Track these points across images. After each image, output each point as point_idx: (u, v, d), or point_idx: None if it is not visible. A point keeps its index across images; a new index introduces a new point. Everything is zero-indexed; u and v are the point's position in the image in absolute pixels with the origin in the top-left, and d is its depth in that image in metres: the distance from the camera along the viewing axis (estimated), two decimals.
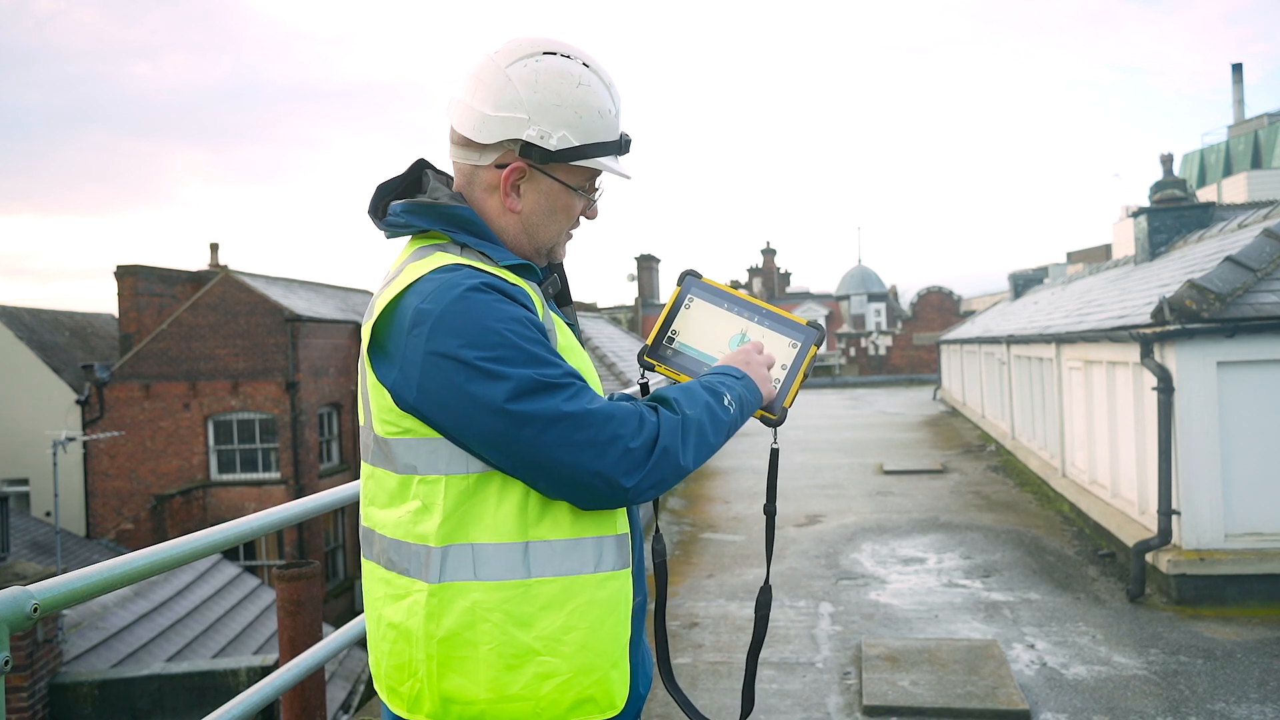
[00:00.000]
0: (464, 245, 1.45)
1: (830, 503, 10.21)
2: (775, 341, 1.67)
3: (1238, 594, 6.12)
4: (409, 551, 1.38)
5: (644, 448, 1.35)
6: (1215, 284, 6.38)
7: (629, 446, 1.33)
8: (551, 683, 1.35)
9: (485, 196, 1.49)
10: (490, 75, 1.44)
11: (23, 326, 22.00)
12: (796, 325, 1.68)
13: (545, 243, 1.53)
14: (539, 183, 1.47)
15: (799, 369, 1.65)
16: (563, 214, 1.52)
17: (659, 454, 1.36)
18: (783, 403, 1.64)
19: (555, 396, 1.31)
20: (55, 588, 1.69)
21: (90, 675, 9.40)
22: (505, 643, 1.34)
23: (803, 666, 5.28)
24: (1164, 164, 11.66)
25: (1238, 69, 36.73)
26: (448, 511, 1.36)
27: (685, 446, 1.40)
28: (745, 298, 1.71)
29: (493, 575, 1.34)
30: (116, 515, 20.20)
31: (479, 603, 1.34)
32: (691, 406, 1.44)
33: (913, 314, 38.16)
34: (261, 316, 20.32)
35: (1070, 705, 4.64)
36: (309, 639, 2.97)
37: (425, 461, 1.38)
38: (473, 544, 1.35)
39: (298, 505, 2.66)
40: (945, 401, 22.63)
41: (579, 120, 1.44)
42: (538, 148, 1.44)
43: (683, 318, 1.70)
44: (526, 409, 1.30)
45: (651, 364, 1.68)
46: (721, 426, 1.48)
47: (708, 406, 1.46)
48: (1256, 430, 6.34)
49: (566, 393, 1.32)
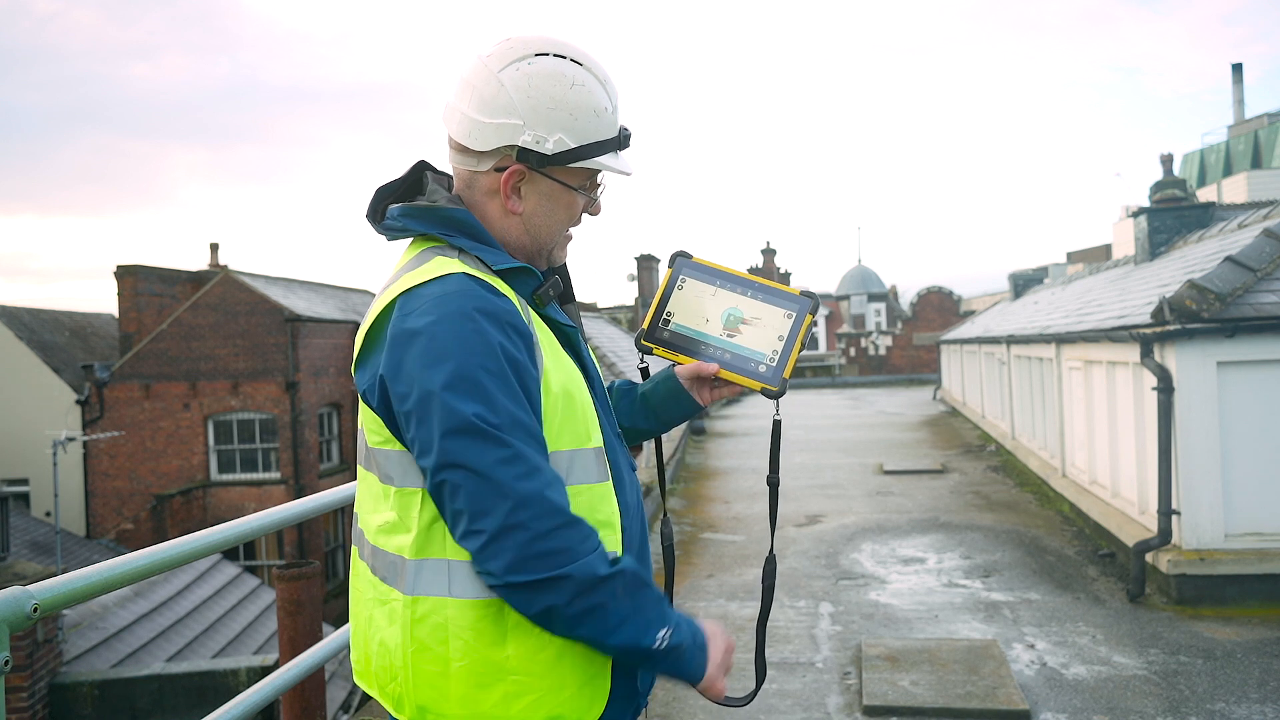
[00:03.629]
0: (462, 249, 1.44)
1: (830, 503, 10.21)
2: (769, 313, 1.66)
3: (1238, 594, 6.12)
4: (387, 560, 1.40)
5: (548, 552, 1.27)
6: (1215, 284, 6.38)
7: (535, 532, 1.27)
8: (522, 701, 1.36)
9: (486, 200, 1.49)
10: (482, 81, 1.43)
11: (23, 326, 22.00)
12: (789, 295, 1.68)
13: (547, 242, 1.53)
14: (539, 184, 1.47)
15: (796, 339, 1.64)
16: (564, 213, 1.51)
17: (555, 567, 1.27)
18: (782, 374, 1.64)
19: (485, 447, 1.28)
20: (55, 588, 1.69)
21: (90, 675, 9.40)
22: (477, 660, 1.35)
23: (803, 666, 5.28)
24: (1164, 164, 11.66)
25: (1238, 69, 36.71)
26: (422, 525, 1.36)
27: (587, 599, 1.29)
28: (736, 273, 1.71)
29: (466, 593, 1.35)
30: (116, 515, 20.20)
31: (452, 619, 1.35)
32: (631, 593, 1.33)
33: (913, 314, 38.15)
34: (261, 316, 20.32)
35: (1070, 705, 4.64)
36: (309, 639, 2.97)
37: (400, 473, 1.39)
38: (448, 560, 1.36)
39: (298, 505, 2.66)
40: (945, 401, 22.62)
41: (574, 122, 1.43)
42: (534, 152, 1.43)
43: (676, 299, 1.70)
44: (454, 448, 1.28)
45: (649, 347, 1.69)
46: (626, 628, 1.33)
47: (639, 609, 1.34)
48: (1256, 430, 6.34)
49: (502, 452, 1.28)
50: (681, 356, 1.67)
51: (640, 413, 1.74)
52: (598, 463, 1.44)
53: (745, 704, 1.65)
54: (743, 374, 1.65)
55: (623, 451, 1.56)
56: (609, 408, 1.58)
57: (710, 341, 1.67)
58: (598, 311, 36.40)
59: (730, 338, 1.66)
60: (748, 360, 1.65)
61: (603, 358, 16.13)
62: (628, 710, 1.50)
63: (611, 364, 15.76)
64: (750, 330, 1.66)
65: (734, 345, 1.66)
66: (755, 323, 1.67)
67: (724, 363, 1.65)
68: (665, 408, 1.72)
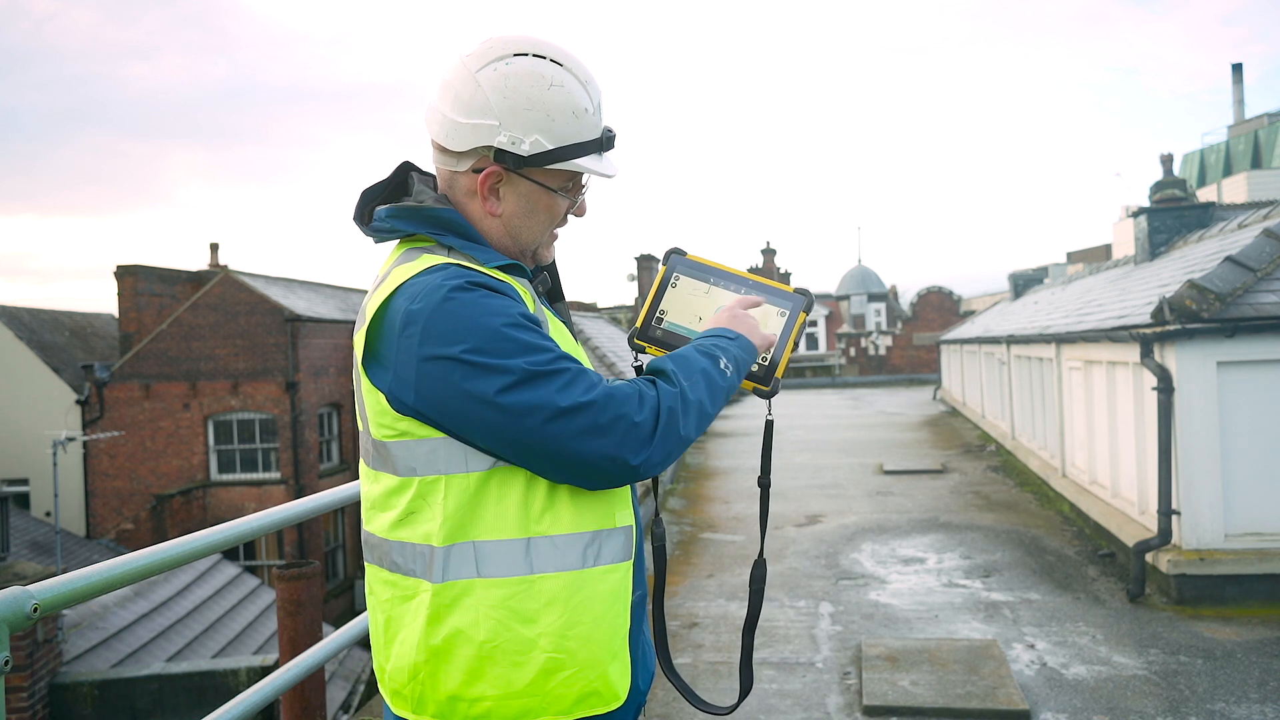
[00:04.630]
0: (451, 248, 1.44)
1: (830, 503, 10.21)
2: (763, 311, 1.66)
3: (1238, 594, 6.12)
4: (413, 552, 1.39)
5: (647, 424, 1.34)
6: (1215, 284, 6.38)
7: (633, 422, 1.33)
8: (557, 677, 1.36)
9: (466, 201, 1.49)
10: (460, 81, 1.43)
11: (23, 326, 22.00)
12: (783, 293, 1.67)
13: (529, 243, 1.52)
14: (517, 185, 1.47)
15: (789, 337, 1.64)
16: (544, 214, 1.50)
17: (662, 428, 1.35)
18: (774, 373, 1.63)
19: (550, 384, 1.31)
20: (55, 588, 1.69)
21: (90, 675, 9.40)
22: (510, 639, 1.35)
23: (803, 666, 5.28)
24: (1164, 164, 11.66)
25: (1238, 69, 36.70)
26: (449, 511, 1.36)
27: (687, 417, 1.39)
28: (731, 270, 1.70)
29: (495, 572, 1.35)
30: (116, 515, 20.20)
31: (483, 599, 1.34)
32: (688, 376, 1.43)
33: (913, 314, 38.15)
34: (261, 316, 20.32)
35: (1070, 705, 4.64)
36: (309, 639, 2.97)
37: (424, 463, 1.38)
38: (474, 542, 1.35)
39: (298, 505, 2.66)
40: (945, 401, 22.63)
41: (551, 123, 1.42)
42: (511, 154, 1.42)
43: (670, 297, 1.69)
44: (524, 400, 1.29)
45: (642, 346, 1.68)
46: (719, 392, 1.47)
47: (704, 373, 1.45)
48: (1256, 430, 6.34)
49: (562, 379, 1.32)
50: None
51: None
52: None
53: (728, 713, 1.65)
54: None
55: None
56: None
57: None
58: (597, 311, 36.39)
59: None
60: None
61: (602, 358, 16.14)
62: (630, 707, 1.50)
63: (611, 364, 15.77)
64: None
65: None
66: None
67: None
68: None
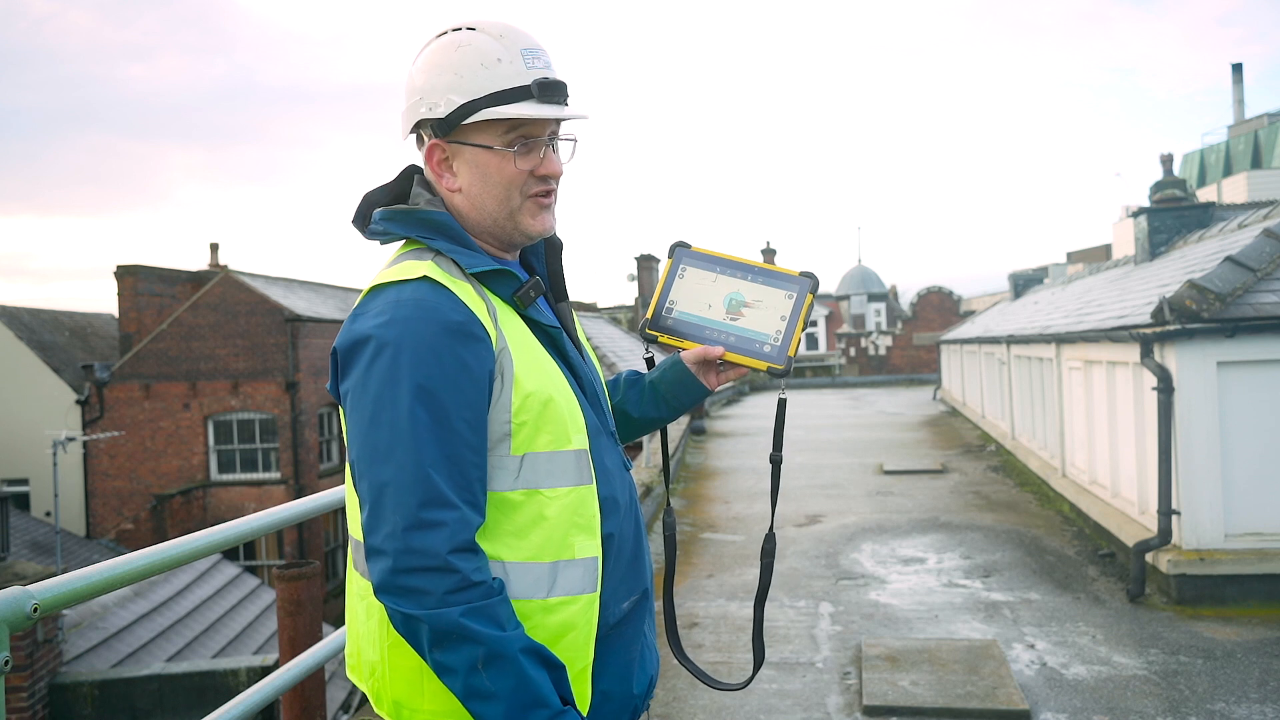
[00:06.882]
0: (439, 251, 1.44)
1: (830, 503, 10.21)
2: (771, 295, 1.70)
3: (1238, 594, 6.12)
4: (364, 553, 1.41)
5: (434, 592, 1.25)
6: (1215, 284, 6.38)
7: (434, 565, 1.26)
8: None
9: (441, 189, 1.52)
10: (408, 78, 1.51)
11: (22, 326, 22.00)
12: (789, 277, 1.71)
13: (498, 213, 1.49)
14: (464, 155, 1.47)
15: (798, 318, 1.68)
16: (497, 177, 1.47)
17: (429, 623, 1.26)
18: (786, 352, 1.67)
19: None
20: (55, 588, 1.69)
21: (90, 675, 9.39)
22: None
23: (803, 666, 5.27)
24: (1164, 164, 11.66)
25: (1238, 69, 36.69)
26: None
27: (446, 647, 1.27)
28: (736, 259, 1.74)
29: None
30: (116, 515, 20.20)
31: None
32: (503, 667, 1.27)
33: (913, 314, 38.14)
34: (261, 316, 20.33)
35: (1070, 705, 4.64)
36: (309, 639, 2.97)
37: None
38: None
39: (298, 505, 2.66)
40: (945, 401, 22.62)
41: (459, 80, 1.44)
42: (433, 120, 1.45)
43: (678, 287, 1.73)
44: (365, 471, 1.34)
45: (654, 335, 1.73)
46: (473, 675, 1.27)
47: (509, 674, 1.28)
48: (1256, 430, 6.34)
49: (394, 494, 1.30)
50: (686, 342, 1.71)
51: (650, 401, 1.75)
52: (577, 465, 1.43)
53: (741, 688, 1.65)
54: (748, 355, 1.68)
55: (613, 451, 1.55)
56: (602, 408, 1.56)
57: (714, 326, 1.70)
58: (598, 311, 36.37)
59: (734, 321, 1.70)
60: (752, 342, 1.68)
61: (603, 357, 16.14)
62: (624, 714, 1.49)
63: (612, 364, 15.78)
64: (753, 313, 1.70)
65: (738, 328, 1.69)
66: (757, 305, 1.70)
67: (729, 345, 1.69)
68: (674, 394, 1.73)
